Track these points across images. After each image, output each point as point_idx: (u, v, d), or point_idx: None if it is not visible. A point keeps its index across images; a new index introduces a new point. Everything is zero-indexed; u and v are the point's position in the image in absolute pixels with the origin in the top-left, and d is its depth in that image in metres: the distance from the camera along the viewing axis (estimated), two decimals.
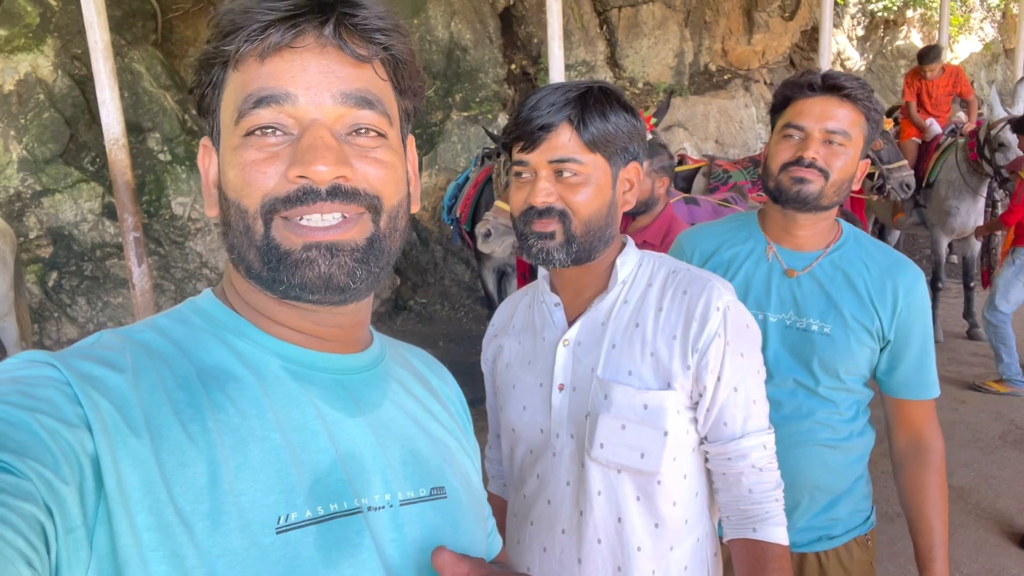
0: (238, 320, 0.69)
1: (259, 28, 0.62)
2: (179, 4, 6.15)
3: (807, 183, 1.39)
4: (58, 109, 5.31)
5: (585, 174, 1.09)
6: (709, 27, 8.60)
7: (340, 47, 0.64)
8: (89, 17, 3.41)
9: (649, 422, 1.08)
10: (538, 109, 1.08)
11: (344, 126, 0.65)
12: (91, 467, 0.54)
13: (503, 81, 7.20)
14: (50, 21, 5.39)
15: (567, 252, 1.11)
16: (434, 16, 6.83)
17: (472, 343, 5.87)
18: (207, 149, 0.71)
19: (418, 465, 0.72)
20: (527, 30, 7.51)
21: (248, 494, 0.59)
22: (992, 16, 13.03)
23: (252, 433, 0.62)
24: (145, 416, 0.58)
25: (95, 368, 0.59)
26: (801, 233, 1.48)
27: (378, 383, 0.75)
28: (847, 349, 1.42)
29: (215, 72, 0.66)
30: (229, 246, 0.68)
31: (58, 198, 5.23)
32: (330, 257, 0.64)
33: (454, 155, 6.65)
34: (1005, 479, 3.49)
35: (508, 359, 1.27)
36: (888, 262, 1.46)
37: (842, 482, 1.48)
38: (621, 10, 7.88)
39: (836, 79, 1.39)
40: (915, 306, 1.43)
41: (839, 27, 10.61)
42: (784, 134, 1.44)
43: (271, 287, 0.66)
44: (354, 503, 0.64)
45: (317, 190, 0.63)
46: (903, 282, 1.43)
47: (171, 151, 5.61)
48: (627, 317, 1.14)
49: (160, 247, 5.49)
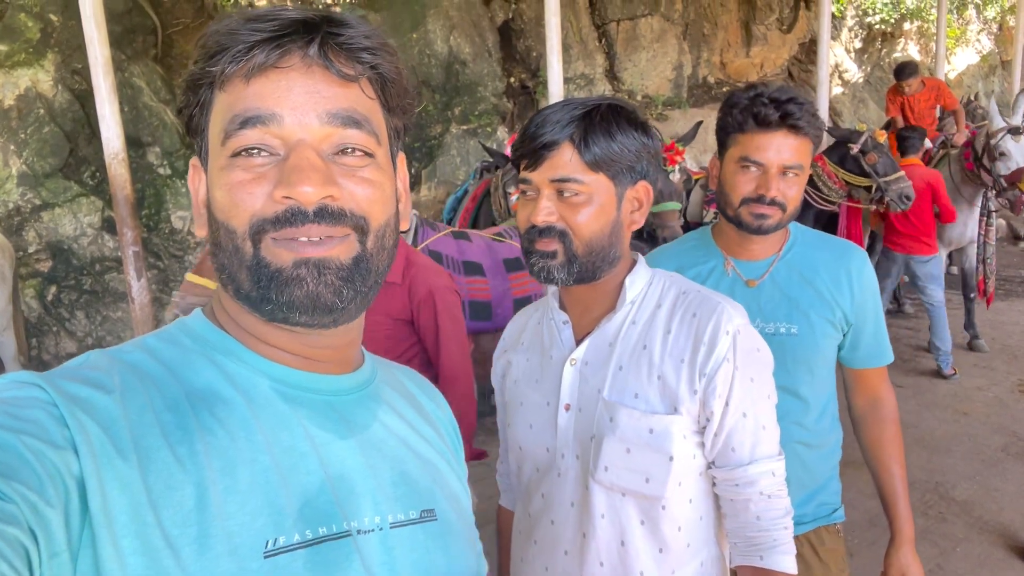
0: (228, 340, 0.68)
1: (244, 49, 0.62)
2: (179, 19, 6.18)
3: (767, 218, 1.46)
4: (58, 124, 5.32)
5: (587, 193, 1.08)
6: (707, 40, 8.65)
7: (326, 67, 0.64)
8: (90, 32, 3.42)
9: (654, 446, 1.06)
10: (543, 127, 1.08)
11: (331, 146, 0.65)
12: (77, 489, 0.53)
13: (502, 94, 7.22)
14: (50, 36, 5.41)
15: (568, 272, 1.10)
16: (433, 30, 6.86)
17: None
18: (196, 169, 0.71)
19: (408, 487, 0.72)
20: (526, 44, 7.55)
21: (236, 517, 0.58)
22: (989, 28, 13.10)
23: (241, 455, 0.61)
24: (133, 438, 0.57)
25: (83, 389, 0.58)
26: (754, 247, 1.55)
27: (368, 404, 0.74)
28: (814, 345, 1.48)
29: (202, 93, 0.66)
30: (219, 266, 0.67)
31: (57, 212, 5.23)
32: (317, 275, 0.64)
33: (453, 168, 6.67)
34: (1008, 492, 3.46)
35: (516, 376, 1.26)
36: (836, 252, 1.54)
37: (816, 478, 1.56)
38: (619, 24, 7.92)
39: (792, 115, 1.41)
40: (866, 286, 1.52)
41: (837, 39, 10.66)
42: (742, 165, 1.47)
43: (259, 307, 0.66)
44: (343, 526, 0.64)
45: (304, 211, 0.62)
46: (854, 267, 1.51)
47: (171, 165, 5.62)
48: (635, 338, 1.12)
49: (159, 261, 5.49)
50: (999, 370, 5.09)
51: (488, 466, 3.97)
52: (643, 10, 7.93)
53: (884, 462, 1.57)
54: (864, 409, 1.62)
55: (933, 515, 3.30)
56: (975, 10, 12.72)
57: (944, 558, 2.97)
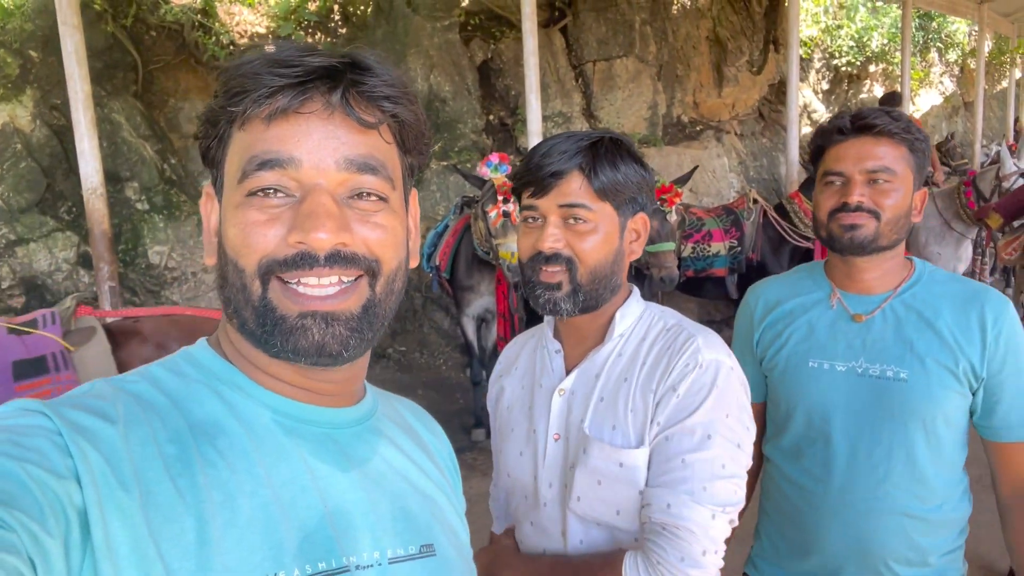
0: (232, 371, 0.69)
1: (267, 92, 0.63)
2: (160, 56, 6.21)
3: (858, 228, 1.33)
4: (35, 159, 5.29)
5: (594, 222, 1.10)
6: (681, 80, 8.86)
7: (347, 113, 0.65)
8: (70, 68, 3.44)
9: (624, 480, 1.06)
10: (550, 156, 1.09)
11: (346, 190, 0.66)
12: (78, 520, 0.53)
13: (481, 131, 7.32)
14: (29, 72, 5.41)
15: (574, 302, 1.10)
16: (414, 68, 6.96)
17: (451, 391, 5.82)
18: (210, 197, 0.72)
19: (407, 522, 0.72)
20: (505, 82, 7.68)
21: (235, 552, 0.58)
22: (951, 71, 13.59)
23: (241, 488, 0.61)
24: (135, 470, 0.57)
25: (87, 418, 0.59)
26: (866, 277, 1.40)
27: (369, 437, 0.75)
28: (928, 396, 1.30)
29: (221, 127, 0.67)
30: (225, 299, 0.68)
31: (32, 247, 5.17)
32: (324, 326, 0.65)
33: (433, 203, 6.71)
34: (984, 523, 3.47)
35: (509, 402, 1.26)
36: (968, 293, 1.34)
37: (927, 558, 1.35)
38: (596, 64, 8.10)
39: (865, 118, 1.35)
40: (1007, 336, 1.30)
41: (805, 81, 10.98)
42: (826, 182, 1.40)
43: (263, 346, 0.67)
44: (342, 561, 0.64)
45: (315, 256, 0.63)
46: (990, 312, 1.31)
47: (149, 200, 5.59)
48: (619, 371, 1.12)
49: (135, 296, 5.43)
50: None
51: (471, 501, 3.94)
52: (618, 51, 8.12)
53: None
54: (1011, 501, 1.36)
55: None
56: (937, 53, 13.20)
57: None
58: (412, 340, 6.64)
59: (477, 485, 4.17)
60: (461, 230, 4.84)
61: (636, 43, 8.22)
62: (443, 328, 6.78)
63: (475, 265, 4.65)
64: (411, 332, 6.70)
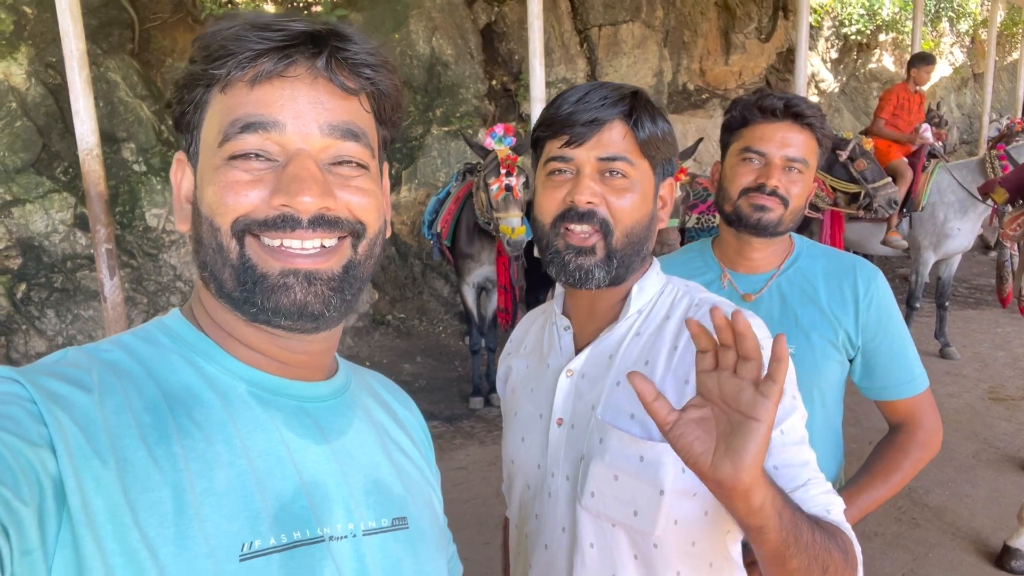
0: (206, 342, 0.69)
1: (252, 55, 0.63)
2: (157, 14, 6.08)
3: (768, 211, 1.37)
4: (31, 118, 5.21)
5: (634, 178, 0.98)
6: (687, 47, 8.72)
7: (330, 79, 0.65)
8: (65, 26, 3.35)
9: (644, 477, 0.93)
10: (586, 102, 0.97)
11: (329, 156, 0.66)
12: (52, 488, 0.53)
13: (483, 96, 7.21)
14: (24, 29, 5.29)
15: (607, 270, 0.99)
16: (415, 31, 6.83)
17: (450, 359, 5.83)
18: (181, 164, 0.71)
19: (381, 495, 0.73)
20: (508, 47, 7.55)
21: (213, 520, 0.58)
22: (961, 42, 13.38)
23: (218, 459, 0.62)
24: (110, 439, 0.57)
25: (62, 387, 0.58)
26: (755, 256, 1.45)
27: (343, 411, 0.75)
28: (813, 367, 1.37)
29: (197, 92, 0.66)
30: (200, 263, 0.67)
31: (28, 208, 5.12)
32: (307, 285, 0.65)
33: (434, 170, 6.64)
34: (979, 498, 3.52)
35: (514, 383, 1.16)
36: (842, 266, 1.42)
37: None
38: (601, 29, 7.96)
39: (798, 106, 1.37)
40: (878, 303, 1.39)
41: (814, 50, 10.81)
42: (743, 157, 1.41)
43: (241, 308, 0.66)
44: (317, 532, 0.65)
45: (298, 219, 0.63)
46: (862, 282, 1.39)
47: (146, 162, 5.52)
48: (637, 352, 1.01)
49: (133, 259, 5.39)
50: (970, 377, 5.18)
51: (467, 470, 3.96)
52: (624, 16, 7.97)
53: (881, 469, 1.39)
54: (902, 439, 1.41)
55: (906, 521, 3.34)
56: (949, 23, 12.97)
57: (916, 563, 3.01)
58: (411, 307, 6.63)
59: (474, 453, 4.20)
60: (463, 198, 4.80)
61: (643, 7, 8.07)
62: (443, 296, 6.76)
63: (476, 234, 4.61)
64: (411, 299, 6.69)
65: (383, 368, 5.53)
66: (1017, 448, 4.02)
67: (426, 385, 5.29)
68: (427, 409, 4.49)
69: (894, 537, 3.19)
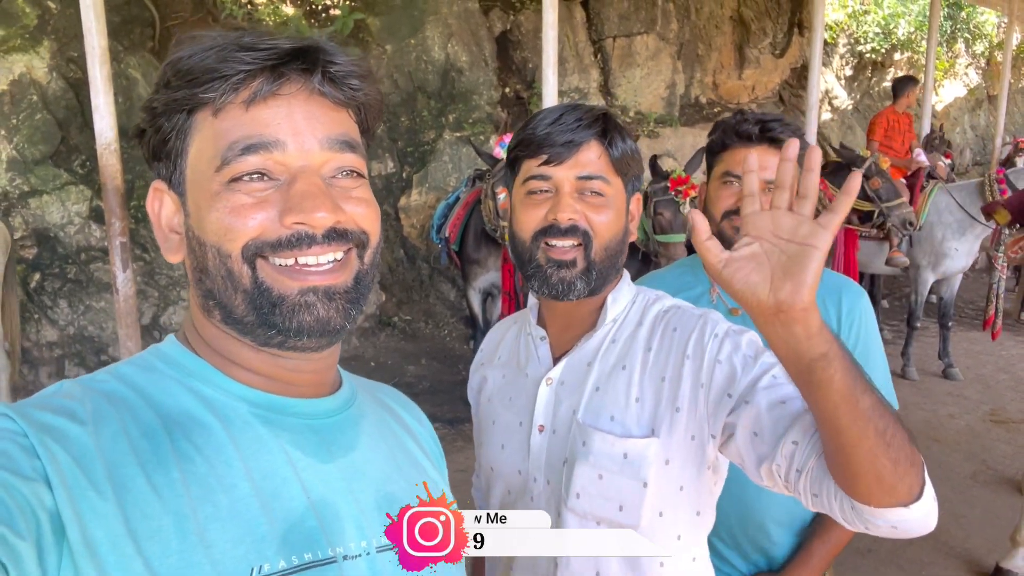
0: (204, 366, 0.68)
1: (243, 76, 0.62)
2: (178, 12, 6.18)
3: None
4: (50, 111, 5.29)
5: (609, 195, 1.04)
6: (701, 60, 8.75)
7: (323, 93, 0.66)
8: (88, 22, 3.42)
9: (628, 472, 0.99)
10: (562, 123, 1.03)
11: (330, 169, 0.67)
12: (50, 522, 0.53)
13: (496, 104, 7.27)
14: (47, 23, 5.39)
15: (587, 281, 1.04)
16: (431, 37, 6.90)
17: (454, 362, 5.87)
18: (160, 192, 0.70)
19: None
20: (522, 55, 7.60)
21: (219, 545, 0.58)
22: (977, 63, 13.34)
23: (220, 482, 0.61)
24: (107, 468, 0.57)
25: (55, 419, 0.58)
26: None
27: (351, 426, 0.74)
28: None
29: (179, 118, 0.65)
30: (205, 292, 0.67)
31: (45, 200, 5.20)
32: (328, 301, 0.65)
33: (445, 174, 6.69)
34: (975, 518, 3.53)
35: (490, 392, 1.20)
36: (828, 285, 1.44)
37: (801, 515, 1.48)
38: (615, 40, 8.00)
39: (772, 130, 1.41)
40: (859, 324, 1.43)
41: (828, 66, 10.82)
42: (724, 181, 1.46)
43: (254, 332, 0.66)
44: (328, 552, 0.64)
45: (313, 235, 0.63)
46: (846, 301, 1.43)
47: None
48: (614, 358, 1.06)
49: (146, 253, 5.47)
50: (971, 399, 5.18)
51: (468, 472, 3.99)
52: (639, 28, 8.01)
53: None
54: None
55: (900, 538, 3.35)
56: (964, 44, 12.95)
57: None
58: (418, 310, 6.68)
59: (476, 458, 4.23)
60: (472, 203, 4.84)
61: (658, 20, 8.11)
62: (449, 299, 6.81)
63: (484, 240, 4.65)
64: (417, 302, 6.74)
65: (388, 369, 5.58)
66: (1015, 470, 4.02)
67: (430, 387, 5.33)
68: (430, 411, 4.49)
69: (888, 554, 3.21)
